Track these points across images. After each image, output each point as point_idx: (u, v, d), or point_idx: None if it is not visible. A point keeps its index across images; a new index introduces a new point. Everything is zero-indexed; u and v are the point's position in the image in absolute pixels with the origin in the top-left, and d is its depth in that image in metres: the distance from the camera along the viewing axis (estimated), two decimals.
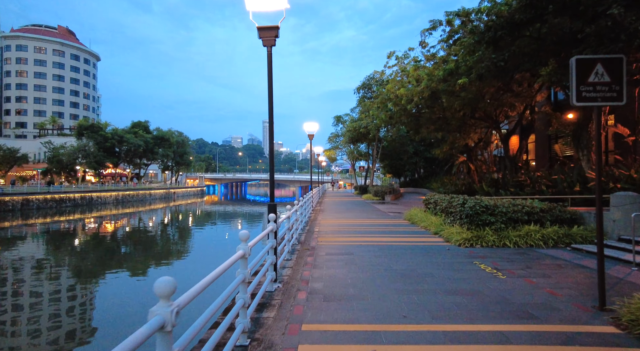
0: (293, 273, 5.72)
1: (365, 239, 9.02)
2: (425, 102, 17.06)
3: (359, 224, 12.29)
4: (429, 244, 8.30)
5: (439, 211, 10.98)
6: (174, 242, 22.76)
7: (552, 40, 11.28)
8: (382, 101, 20.81)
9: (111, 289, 11.79)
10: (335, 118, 40.79)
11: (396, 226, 11.51)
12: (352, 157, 42.09)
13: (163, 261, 16.75)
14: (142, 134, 64.96)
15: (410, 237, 9.40)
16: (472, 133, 20.71)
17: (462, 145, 22.24)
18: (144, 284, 12.37)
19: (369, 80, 31.71)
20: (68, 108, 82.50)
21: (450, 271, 5.81)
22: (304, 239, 9.02)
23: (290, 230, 7.14)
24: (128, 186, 64.03)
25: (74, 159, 55.41)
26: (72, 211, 41.17)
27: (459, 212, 8.84)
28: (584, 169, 12.70)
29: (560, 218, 8.42)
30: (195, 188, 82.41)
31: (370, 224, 12.08)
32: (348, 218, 14.48)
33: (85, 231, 26.03)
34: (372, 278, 5.43)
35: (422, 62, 18.21)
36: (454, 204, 9.48)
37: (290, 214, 7.05)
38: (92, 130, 58.52)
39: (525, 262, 6.45)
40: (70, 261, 16.50)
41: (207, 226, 31.81)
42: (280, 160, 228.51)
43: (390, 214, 16.03)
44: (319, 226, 11.59)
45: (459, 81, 13.42)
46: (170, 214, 44.03)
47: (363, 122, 29.67)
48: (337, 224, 12.08)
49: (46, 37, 79.37)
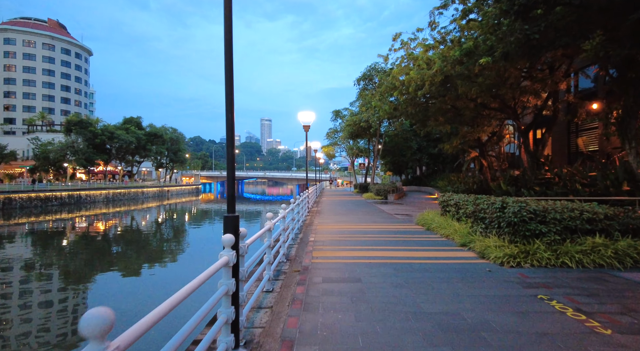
0: (271, 322, 3.65)
1: (375, 255, 6.95)
2: (436, 89, 14.97)
3: (364, 230, 10.21)
4: (460, 263, 6.24)
5: (463, 215, 8.94)
6: (158, 244, 20.90)
7: (600, 6, 9.21)
8: (386, 90, 18.69)
9: (90, 293, 11.03)
10: (334, 113, 38.67)
11: (410, 234, 9.45)
12: (352, 154, 39.98)
13: (144, 264, 15.07)
14: (134, 130, 62.74)
15: (432, 250, 7.34)
16: (486, 126, 18.64)
17: (474, 139, 20.19)
18: (121, 288, 11.29)
19: (370, 71, 29.55)
20: (59, 104, 79.97)
21: (513, 317, 3.76)
22: (295, 254, 6.95)
23: (272, 248, 5.05)
24: (119, 184, 61.87)
25: (61, 156, 53.03)
26: (58, 210, 39.19)
27: (497, 219, 6.78)
28: (630, 164, 10.69)
29: (634, 227, 6.36)
30: (191, 186, 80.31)
31: (378, 231, 10.01)
32: (349, 221, 12.41)
33: (69, 232, 24.16)
34: (397, 336, 3.35)
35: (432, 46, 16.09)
36: (486, 207, 7.43)
37: (273, 224, 4.97)
38: (81, 126, 56.19)
39: (614, 296, 4.41)
40: (46, 263, 14.65)
41: (195, 227, 29.77)
42: (278, 158, 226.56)
43: (398, 216, 13.96)
44: (315, 234, 9.52)
45: (480, 60, 11.33)
46: (161, 214, 42.08)
47: (364, 116, 27.56)
48: (337, 231, 10.01)
49: (35, 31, 76.74)
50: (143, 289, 11.30)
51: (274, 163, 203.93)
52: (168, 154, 72.11)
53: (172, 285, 11.23)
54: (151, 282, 12.49)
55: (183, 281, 2.00)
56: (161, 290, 10.98)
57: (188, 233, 26.26)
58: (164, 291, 10.69)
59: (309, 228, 10.78)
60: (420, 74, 13.97)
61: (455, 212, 9.46)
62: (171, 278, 12.88)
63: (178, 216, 40.13)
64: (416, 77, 14.18)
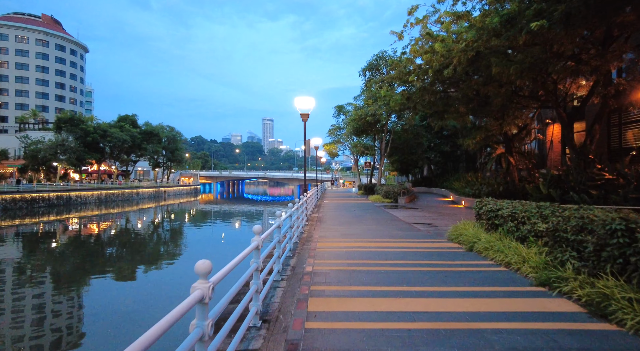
0: None
1: (412, 307, 4.18)
2: (463, 69, 12.22)
3: (382, 252, 7.45)
4: (563, 328, 3.50)
5: (528, 233, 6.20)
6: (143, 249, 18.87)
7: None
8: (398, 76, 15.93)
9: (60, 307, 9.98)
10: (337, 108, 35.86)
11: (449, 259, 6.69)
12: (357, 152, 37.16)
13: (123, 273, 13.63)
14: (129, 128, 60.25)
15: (501, 295, 4.56)
16: (517, 118, 15.83)
17: (500, 134, 17.41)
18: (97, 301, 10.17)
19: (377, 60, 26.74)
20: (53, 102, 77.58)
21: None
22: (279, 308, 4.20)
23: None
24: (113, 184, 59.39)
25: (50, 155, 50.46)
26: (45, 212, 36.99)
27: (616, 249, 4.05)
28: None
29: None
30: (189, 186, 77.84)
31: (402, 253, 7.24)
32: (359, 236, 9.66)
33: (52, 235, 22.29)
34: None
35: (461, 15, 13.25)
36: (584, 225, 4.69)
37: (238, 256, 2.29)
38: (72, 123, 53.68)
39: None
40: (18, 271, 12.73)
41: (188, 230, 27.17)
42: (279, 158, 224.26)
43: (420, 227, 11.18)
44: (314, 258, 6.78)
45: (532, 24, 8.56)
46: (157, 215, 39.91)
47: (370, 109, 24.78)
48: (344, 254, 7.25)
49: (29, 26, 74.39)
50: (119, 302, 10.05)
51: (276, 163, 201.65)
52: (165, 153, 69.58)
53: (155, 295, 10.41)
54: (129, 290, 11.33)
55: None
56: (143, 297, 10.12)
57: (179, 236, 23.79)
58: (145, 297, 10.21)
59: (306, 245, 8.05)
60: (447, 48, 11.20)
61: (514, 228, 6.67)
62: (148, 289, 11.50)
63: (172, 217, 37.64)
64: (442, 51, 11.41)
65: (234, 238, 23.19)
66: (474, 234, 7.50)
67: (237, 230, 27.25)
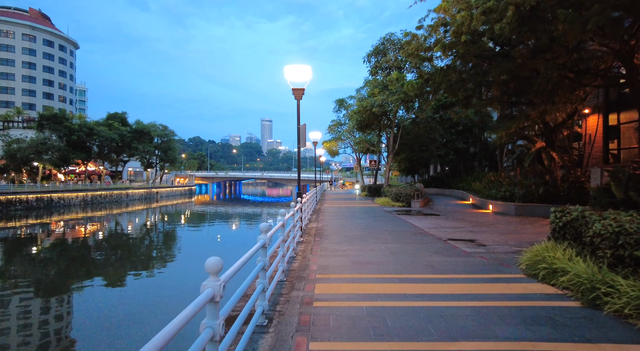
0: None
1: None
2: (510, 32, 9.00)
3: (431, 308, 4.14)
4: None
5: None
6: (128, 254, 17.36)
7: None
8: (417, 49, 12.63)
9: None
10: (337, 102, 32.55)
11: (572, 334, 3.43)
12: (360, 149, 33.83)
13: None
14: (118, 126, 56.91)
15: None
16: (568, 102, 12.53)
17: (541, 123, 14.15)
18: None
19: (384, 43, 23.47)
20: (40, 99, 74.24)
21: None
22: None
23: None
24: (101, 185, 56.13)
25: (30, 154, 47.09)
26: (22, 216, 34.08)
27: None
28: None
29: None
30: (184, 187, 74.62)
31: (471, 316, 3.95)
32: (380, 264, 6.34)
33: (23, 243, 20.24)
34: None
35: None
36: None
37: None
38: (55, 121, 50.35)
39: None
40: None
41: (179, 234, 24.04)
42: (278, 158, 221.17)
43: (463, 247, 7.86)
44: (309, 331, 3.52)
45: None
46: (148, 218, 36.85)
47: (377, 99, 21.51)
48: (365, 317, 3.97)
49: (14, 20, 71.10)
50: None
51: (275, 164, 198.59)
52: (158, 153, 66.28)
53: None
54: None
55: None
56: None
57: (166, 243, 20.79)
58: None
59: (295, 290, 4.80)
60: None
61: None
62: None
63: (161, 220, 34.43)
64: (489, 2, 8.16)
65: (225, 246, 20.12)
66: (588, 272, 4.23)
67: (229, 235, 24.00)
